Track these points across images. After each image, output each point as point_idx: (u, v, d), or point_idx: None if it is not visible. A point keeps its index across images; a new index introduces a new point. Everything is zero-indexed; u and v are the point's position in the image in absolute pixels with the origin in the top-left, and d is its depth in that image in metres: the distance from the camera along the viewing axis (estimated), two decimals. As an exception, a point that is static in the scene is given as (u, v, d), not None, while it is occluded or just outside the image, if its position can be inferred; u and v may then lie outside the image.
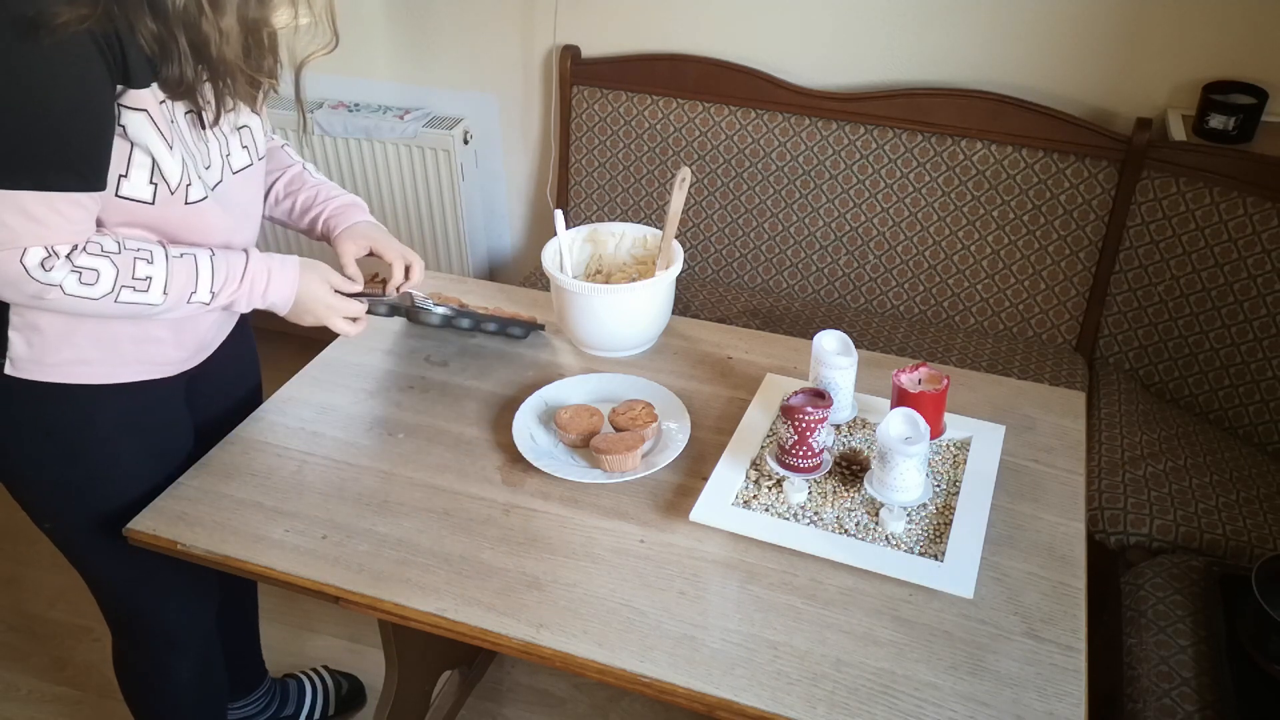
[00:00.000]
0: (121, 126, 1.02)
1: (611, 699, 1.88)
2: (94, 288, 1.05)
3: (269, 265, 1.21)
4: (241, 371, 1.45)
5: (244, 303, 1.20)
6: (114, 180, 1.05)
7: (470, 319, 1.44)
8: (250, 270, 1.19)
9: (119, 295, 1.07)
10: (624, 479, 1.23)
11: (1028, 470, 1.27)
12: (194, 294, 1.13)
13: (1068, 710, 0.96)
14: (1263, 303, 1.80)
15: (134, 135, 1.03)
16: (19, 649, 2.02)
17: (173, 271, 1.11)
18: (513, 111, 2.49)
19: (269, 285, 1.21)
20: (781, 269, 2.28)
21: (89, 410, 1.20)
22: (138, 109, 1.02)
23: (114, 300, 1.07)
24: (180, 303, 1.13)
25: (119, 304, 1.08)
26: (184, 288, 1.12)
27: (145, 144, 1.04)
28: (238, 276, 1.17)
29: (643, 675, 1.00)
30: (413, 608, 1.08)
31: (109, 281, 1.06)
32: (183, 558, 1.18)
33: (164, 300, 1.11)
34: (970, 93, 2.04)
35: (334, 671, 1.90)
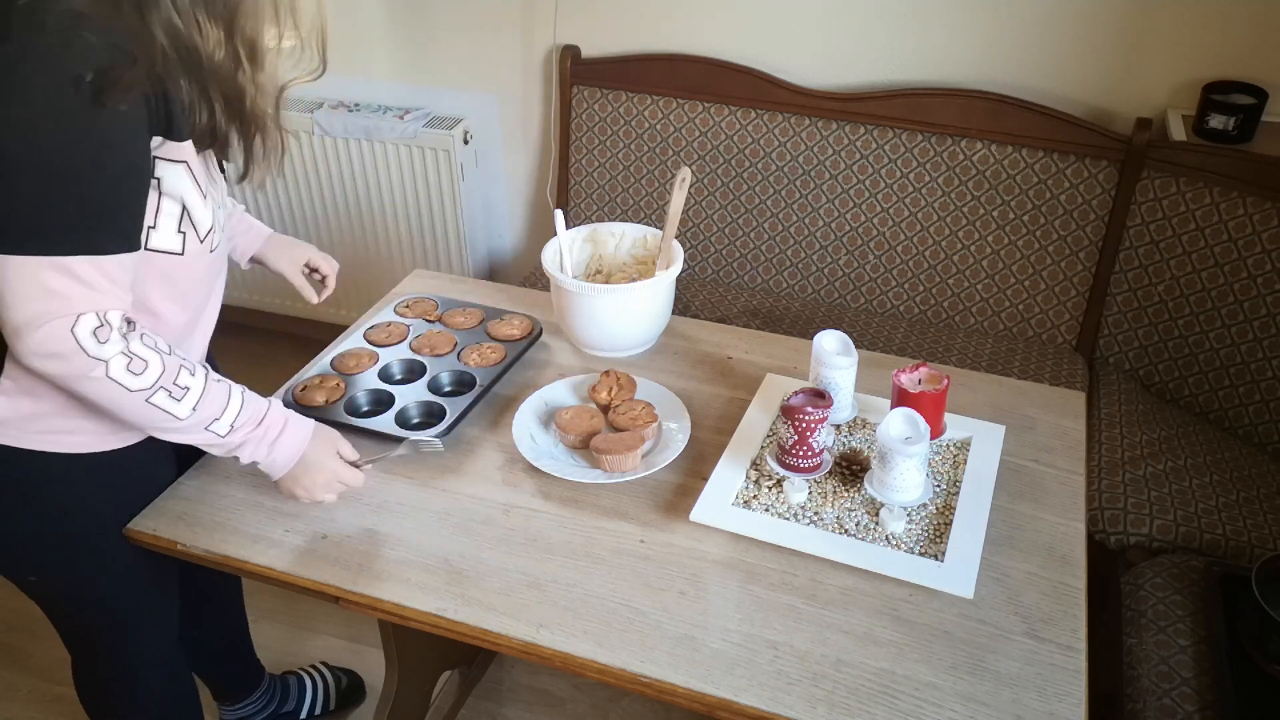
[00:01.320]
0: (156, 179, 1.01)
1: (611, 699, 1.88)
2: (138, 378, 1.01)
3: (286, 417, 1.16)
4: None
5: (250, 449, 1.13)
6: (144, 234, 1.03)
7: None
8: (269, 417, 1.14)
9: (154, 396, 1.02)
10: (624, 479, 1.23)
11: (1028, 470, 1.27)
12: (216, 421, 1.09)
13: (1068, 710, 0.96)
14: (1263, 303, 1.80)
15: (168, 187, 1.03)
16: (19, 649, 2.02)
17: (209, 392, 1.07)
18: (513, 111, 2.49)
19: (281, 436, 1.14)
20: (781, 269, 2.28)
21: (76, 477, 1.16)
22: (178, 160, 1.02)
23: (145, 399, 1.02)
24: (200, 426, 1.08)
25: (148, 404, 1.03)
26: (211, 412, 1.08)
27: (179, 195, 1.04)
28: (257, 419, 1.12)
29: (643, 675, 1.00)
30: (413, 608, 1.08)
31: (153, 377, 1.02)
32: (183, 558, 1.18)
33: (190, 416, 1.06)
34: (970, 93, 2.04)
35: (333, 667, 1.90)
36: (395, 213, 2.58)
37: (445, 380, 1.42)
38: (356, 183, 2.56)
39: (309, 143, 2.52)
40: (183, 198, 1.04)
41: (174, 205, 1.05)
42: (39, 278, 0.93)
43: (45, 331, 0.95)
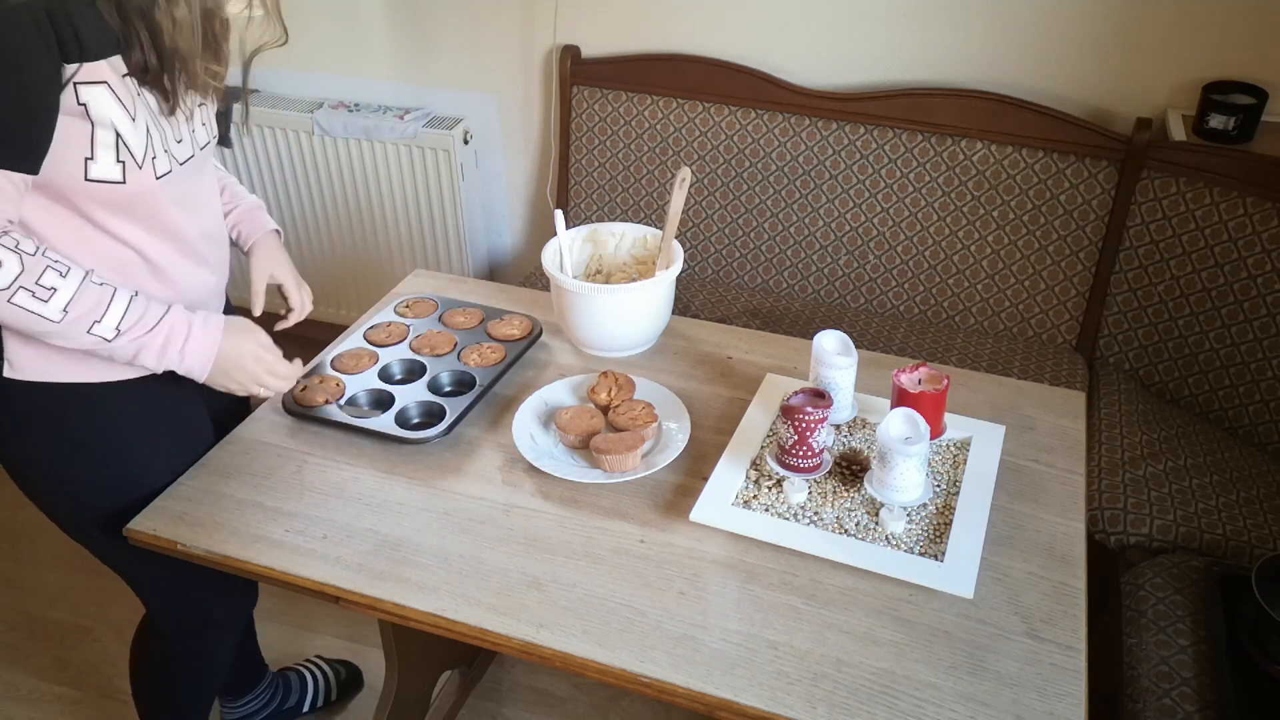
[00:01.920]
0: (82, 105, 1.01)
1: (611, 699, 1.88)
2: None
3: (190, 320, 1.15)
4: None
5: (153, 355, 1.13)
6: (82, 166, 1.04)
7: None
8: (168, 320, 1.13)
9: (14, 295, 1.02)
10: (624, 479, 1.23)
11: (1028, 470, 1.27)
12: (96, 324, 1.07)
13: (1068, 710, 0.96)
14: (1263, 303, 1.80)
15: (95, 113, 1.02)
16: (19, 649, 2.02)
17: (82, 293, 1.06)
18: (513, 111, 2.49)
19: (189, 341, 1.14)
20: (781, 269, 2.28)
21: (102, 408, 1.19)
22: (96, 82, 1.01)
23: (8, 299, 1.02)
24: (79, 328, 1.07)
25: (10, 304, 1.02)
26: (87, 314, 1.06)
27: (108, 118, 1.03)
28: (150, 323, 1.11)
29: (643, 675, 1.00)
30: (413, 608, 1.08)
31: (8, 277, 1.01)
32: (182, 558, 1.18)
33: (61, 319, 1.05)
34: (970, 93, 2.04)
35: (330, 660, 1.92)
36: (395, 213, 2.58)
37: (445, 380, 1.42)
38: (356, 183, 2.56)
39: (309, 143, 2.52)
40: (111, 121, 1.03)
41: (107, 134, 1.04)
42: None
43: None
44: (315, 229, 2.68)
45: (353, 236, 2.66)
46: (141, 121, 1.07)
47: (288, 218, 2.68)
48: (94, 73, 1.01)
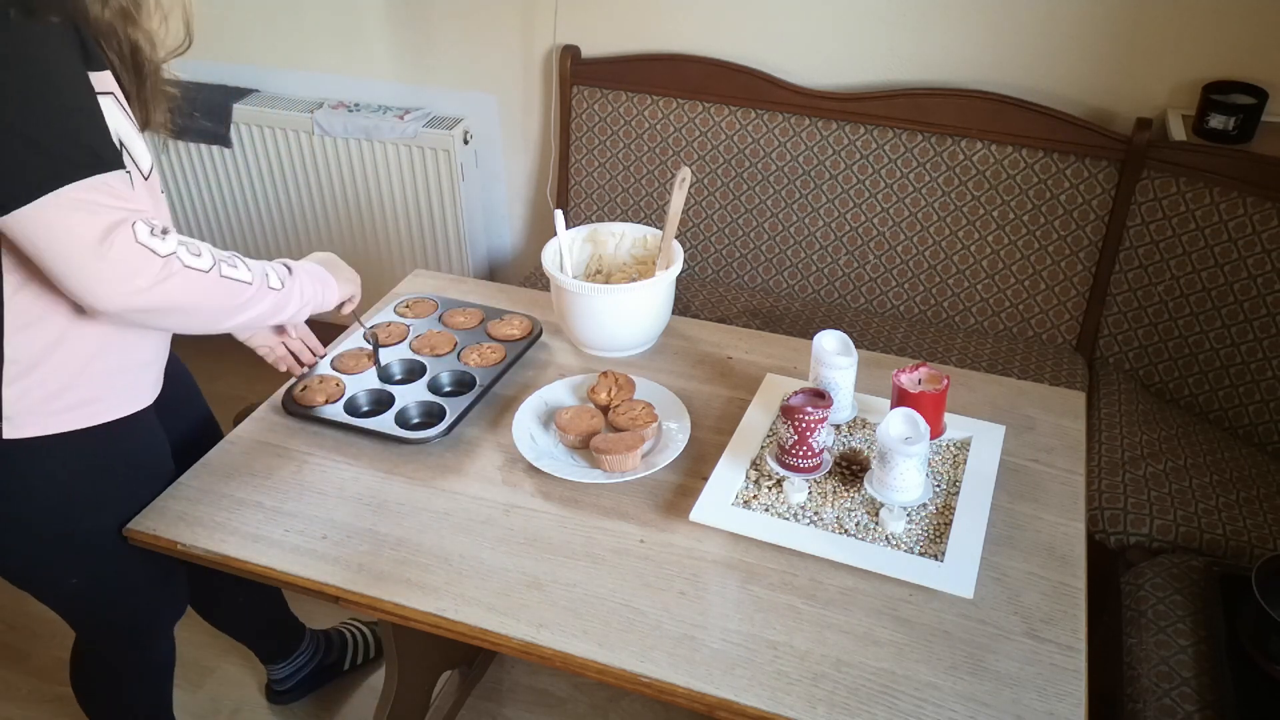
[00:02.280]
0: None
1: (611, 699, 1.88)
2: (201, 259, 1.03)
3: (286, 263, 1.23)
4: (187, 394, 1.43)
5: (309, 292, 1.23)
6: None
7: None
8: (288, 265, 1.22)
9: (221, 269, 1.06)
10: (624, 479, 1.23)
11: (1028, 470, 1.27)
12: (268, 276, 1.15)
13: (1068, 710, 0.96)
14: (1263, 303, 1.80)
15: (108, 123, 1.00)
16: (19, 649, 2.02)
17: (243, 260, 1.11)
18: (513, 111, 2.49)
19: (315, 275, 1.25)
20: (781, 269, 2.28)
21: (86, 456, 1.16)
22: (106, 92, 1.00)
23: (220, 275, 1.05)
24: (263, 285, 1.13)
25: (223, 280, 1.06)
26: (259, 270, 1.13)
27: (115, 128, 1.01)
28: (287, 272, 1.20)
29: (643, 675, 1.00)
30: (413, 608, 1.08)
31: (209, 255, 1.05)
32: (182, 558, 1.18)
33: (252, 279, 1.10)
34: (970, 93, 2.04)
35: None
36: (395, 213, 2.58)
37: (445, 380, 1.42)
38: (356, 183, 2.56)
39: (309, 143, 2.52)
40: (118, 131, 1.01)
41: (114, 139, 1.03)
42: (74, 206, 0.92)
43: (115, 250, 0.94)
44: (315, 229, 2.68)
45: (353, 236, 2.66)
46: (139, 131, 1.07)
47: (288, 218, 2.68)
48: (103, 83, 1.00)
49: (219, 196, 2.71)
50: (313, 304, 1.26)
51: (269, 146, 2.56)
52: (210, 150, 2.62)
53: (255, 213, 2.70)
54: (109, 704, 1.52)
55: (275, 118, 2.50)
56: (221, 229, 2.78)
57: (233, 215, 2.73)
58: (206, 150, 2.62)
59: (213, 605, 1.62)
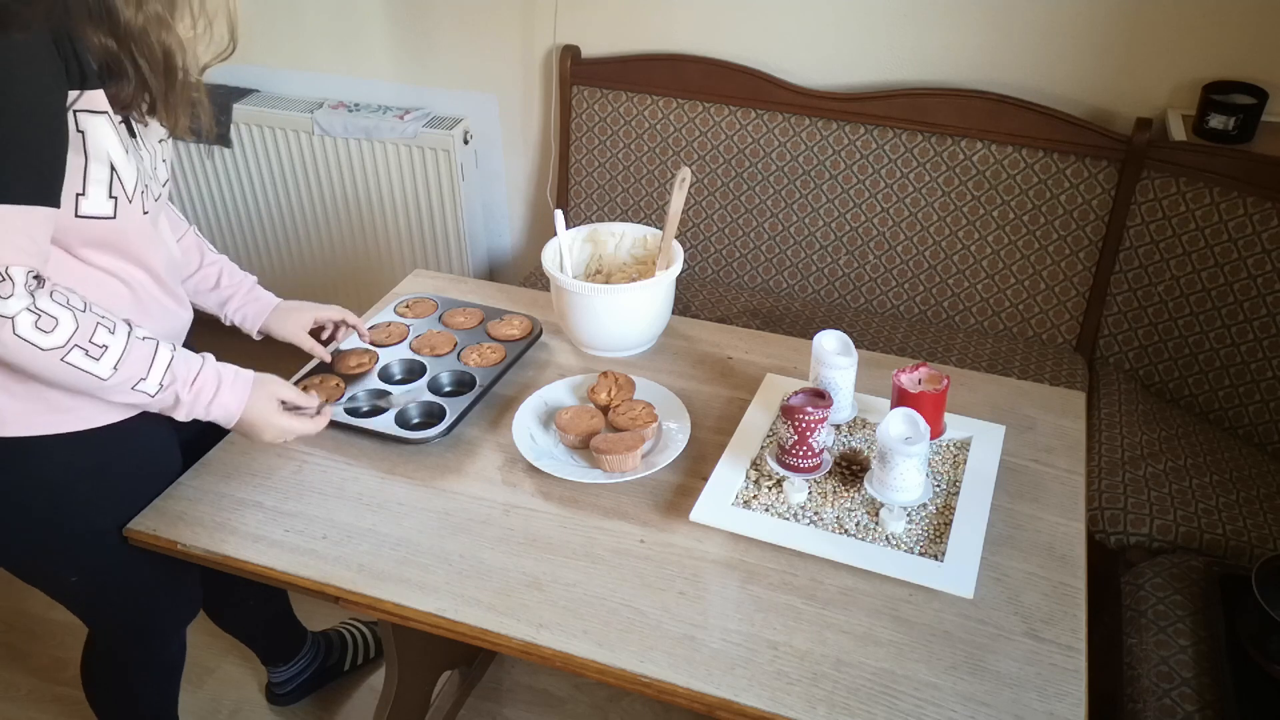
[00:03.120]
0: (81, 133, 0.98)
1: (611, 699, 1.88)
2: (48, 337, 0.96)
3: (220, 376, 1.14)
4: None
5: (185, 409, 1.11)
6: (72, 201, 1.00)
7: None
8: (202, 376, 1.12)
9: (68, 354, 0.98)
10: (624, 479, 1.23)
11: (1028, 470, 1.27)
12: (142, 381, 1.06)
13: (1068, 710, 0.96)
14: (1263, 303, 1.80)
15: (92, 144, 0.99)
16: (19, 649, 2.02)
17: (130, 349, 1.04)
18: (513, 111, 2.49)
19: (215, 397, 1.13)
20: (781, 269, 2.28)
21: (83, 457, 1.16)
22: (98, 111, 0.98)
23: (60, 359, 0.98)
24: (124, 386, 1.05)
25: (63, 364, 0.99)
26: (135, 371, 1.05)
27: (105, 150, 1.00)
28: (189, 379, 1.11)
29: (643, 675, 1.00)
30: (413, 608, 1.08)
31: (64, 335, 0.97)
32: (182, 558, 1.18)
33: (111, 376, 1.03)
34: (970, 93, 2.04)
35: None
36: (395, 213, 2.58)
37: (445, 380, 1.42)
38: (356, 183, 2.56)
39: (309, 143, 2.52)
40: (108, 153, 1.00)
41: (101, 169, 1.01)
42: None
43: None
44: (315, 229, 2.68)
45: (353, 236, 2.66)
46: (133, 156, 1.05)
47: (288, 218, 2.68)
48: (94, 101, 0.97)
49: (219, 196, 2.71)
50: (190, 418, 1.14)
51: (269, 146, 2.56)
52: (210, 150, 2.62)
53: (255, 213, 2.70)
54: (116, 700, 1.52)
55: (275, 118, 2.50)
56: (222, 229, 2.78)
57: (233, 215, 2.74)
58: (206, 150, 2.63)
59: (223, 606, 1.62)
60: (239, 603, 1.63)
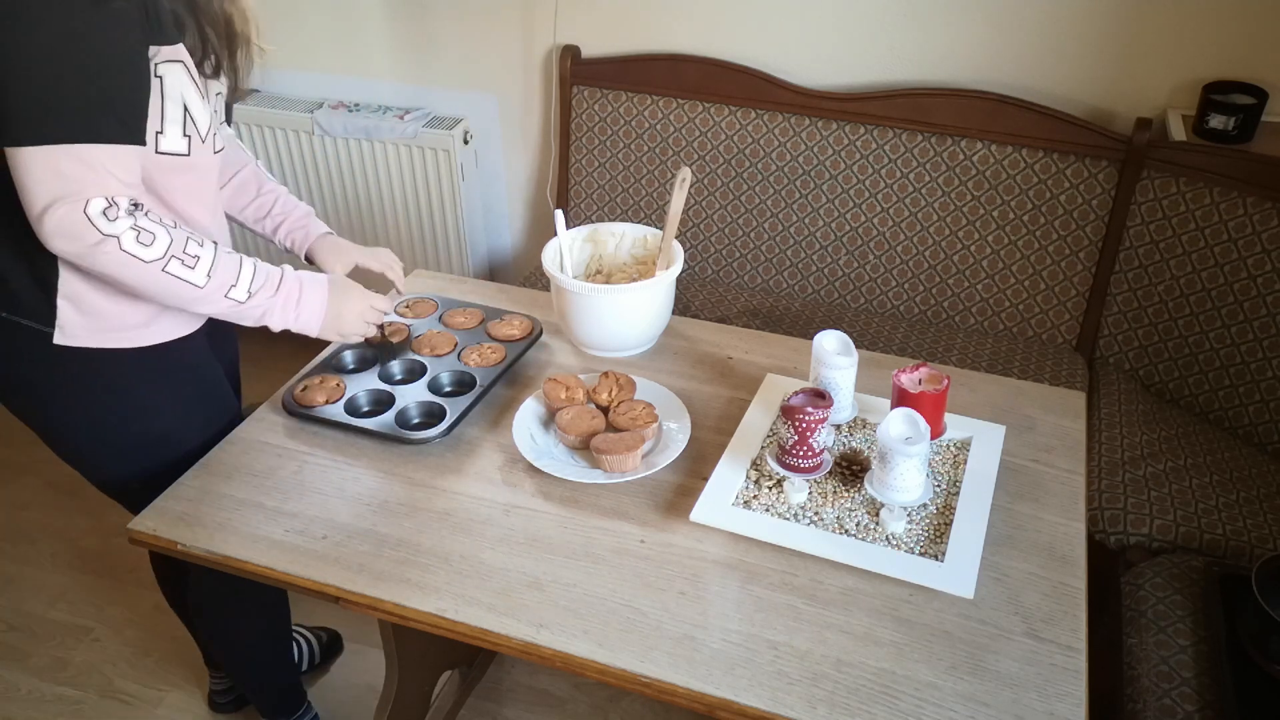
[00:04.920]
0: (159, 79, 1.09)
1: (611, 699, 1.88)
2: (149, 249, 1.08)
3: (300, 279, 1.26)
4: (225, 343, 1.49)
5: (276, 315, 1.23)
6: (152, 138, 1.12)
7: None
8: (285, 283, 1.23)
9: (168, 264, 1.11)
10: (624, 479, 1.23)
11: (1028, 470, 1.27)
12: (233, 287, 1.17)
13: (1068, 710, 0.96)
14: (1263, 303, 1.80)
15: (169, 89, 1.10)
16: (19, 649, 2.02)
17: (219, 259, 1.16)
18: (513, 111, 2.49)
19: (302, 298, 1.25)
20: (781, 269, 2.28)
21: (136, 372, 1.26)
22: (175, 60, 1.09)
23: (162, 268, 1.10)
24: (219, 293, 1.16)
25: (165, 274, 1.11)
26: (226, 279, 1.16)
27: (181, 95, 1.11)
28: (274, 285, 1.22)
29: (643, 675, 1.00)
30: (413, 608, 1.08)
31: (162, 247, 1.10)
32: (183, 558, 1.18)
33: (206, 283, 1.14)
34: (970, 93, 2.04)
35: (310, 627, 1.97)
36: (395, 213, 2.58)
37: (445, 380, 1.42)
38: (356, 183, 2.56)
39: (309, 143, 2.52)
40: (183, 96, 1.12)
41: (176, 109, 1.12)
42: (51, 164, 1.02)
43: (59, 213, 1.03)
44: (315, 229, 2.68)
45: (353, 236, 2.66)
46: (209, 102, 1.16)
47: (288, 218, 2.68)
48: (173, 53, 1.09)
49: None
50: (281, 326, 1.27)
51: (269, 146, 2.56)
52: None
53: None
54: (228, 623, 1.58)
55: (275, 118, 2.50)
56: (221, 229, 2.78)
57: (233, 215, 2.74)
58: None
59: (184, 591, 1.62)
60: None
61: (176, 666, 1.96)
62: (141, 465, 1.32)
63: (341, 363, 1.47)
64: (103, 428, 1.28)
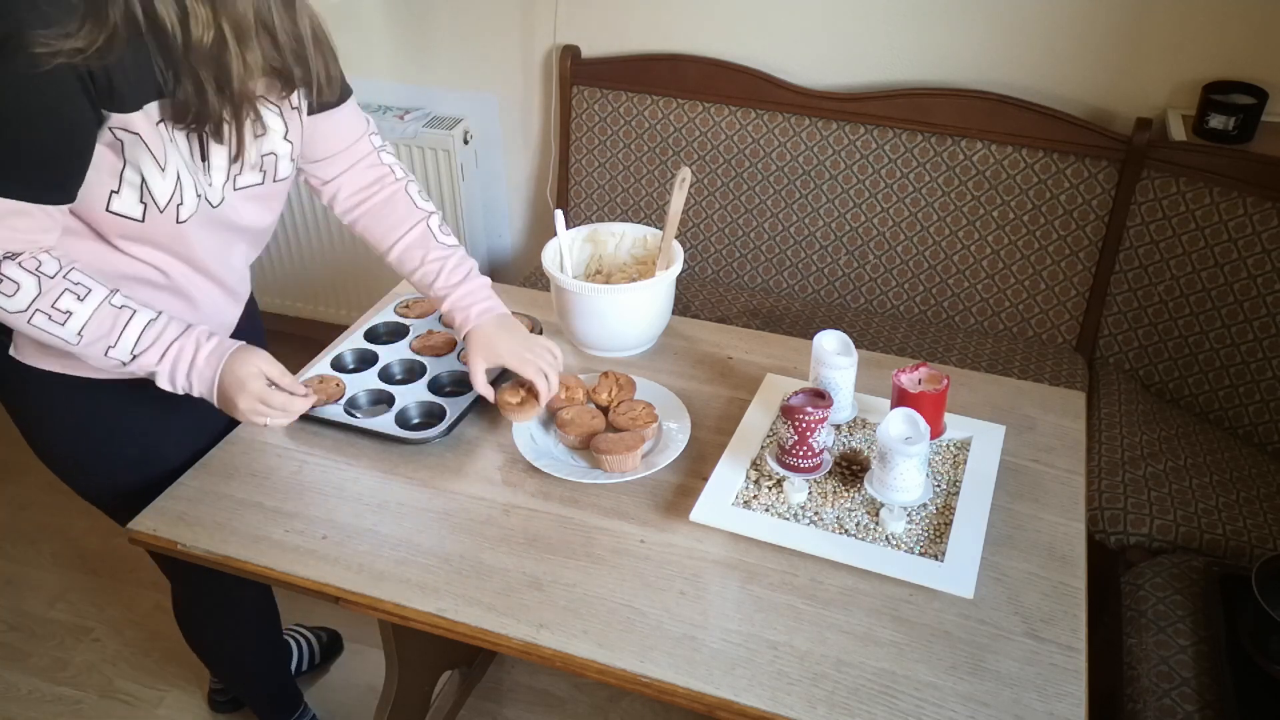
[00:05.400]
0: (119, 142, 1.03)
1: (611, 699, 1.88)
2: (11, 299, 1.04)
3: (199, 344, 1.14)
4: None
5: (165, 379, 1.13)
6: (105, 196, 1.06)
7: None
8: (178, 343, 1.12)
9: (32, 317, 1.05)
10: (624, 479, 1.23)
11: (1028, 470, 1.27)
12: (111, 348, 1.09)
13: (1068, 710, 0.96)
14: (1263, 303, 1.80)
15: (129, 154, 1.04)
16: (19, 649, 2.02)
17: (97, 317, 1.07)
18: (513, 111, 2.49)
19: (193, 364, 1.13)
20: (781, 269, 2.28)
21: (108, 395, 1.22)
22: (131, 132, 1.02)
23: (26, 320, 1.05)
24: (95, 350, 1.09)
25: (31, 325, 1.06)
26: (101, 338, 1.08)
27: (137, 164, 1.04)
28: (162, 348, 1.11)
29: (643, 675, 1.00)
30: (413, 608, 1.08)
31: (24, 300, 1.04)
32: (183, 558, 1.18)
33: (77, 341, 1.08)
34: (970, 93, 2.04)
35: (310, 626, 1.97)
36: (395, 213, 2.58)
37: (445, 380, 1.42)
38: (356, 183, 2.55)
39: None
40: (140, 167, 1.04)
41: (135, 176, 1.05)
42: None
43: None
44: (315, 229, 2.68)
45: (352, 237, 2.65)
46: (172, 169, 1.07)
47: (288, 218, 2.68)
48: (127, 123, 1.02)
49: (219, 196, 2.71)
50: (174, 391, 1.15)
51: (269, 146, 2.56)
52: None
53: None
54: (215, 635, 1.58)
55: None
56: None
57: (233, 215, 2.73)
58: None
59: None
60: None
61: (176, 666, 1.96)
62: (118, 480, 1.29)
63: (341, 363, 1.47)
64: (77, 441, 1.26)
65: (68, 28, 0.93)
